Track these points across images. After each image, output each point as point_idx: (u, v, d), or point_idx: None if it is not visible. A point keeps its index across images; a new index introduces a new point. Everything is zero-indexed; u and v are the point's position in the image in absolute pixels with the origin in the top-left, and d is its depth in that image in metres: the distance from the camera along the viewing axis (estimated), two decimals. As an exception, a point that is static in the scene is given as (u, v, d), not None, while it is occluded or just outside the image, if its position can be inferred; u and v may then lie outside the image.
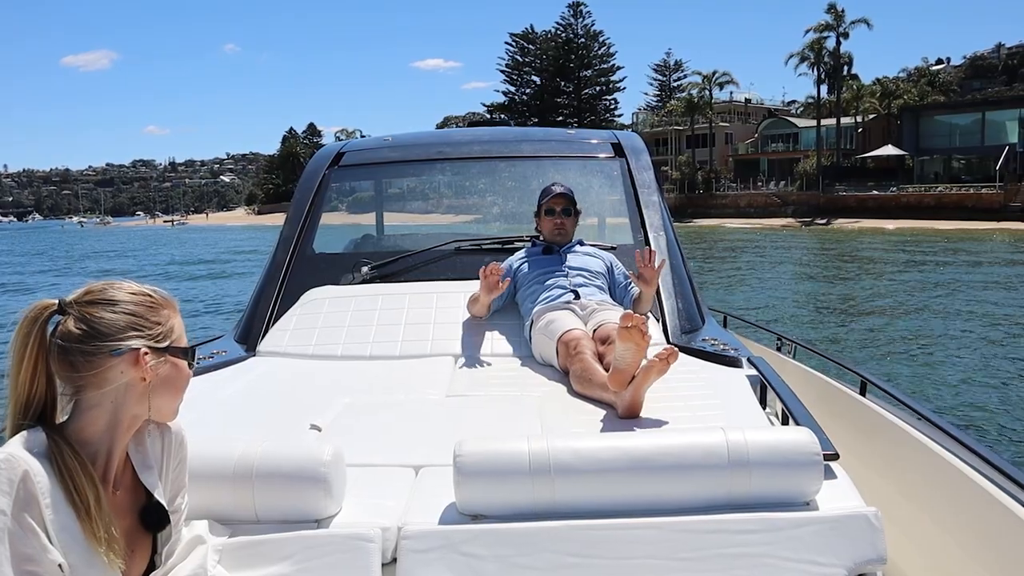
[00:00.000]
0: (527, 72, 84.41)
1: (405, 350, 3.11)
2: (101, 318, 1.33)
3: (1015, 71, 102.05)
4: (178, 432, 1.52)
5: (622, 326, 2.32)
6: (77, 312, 1.33)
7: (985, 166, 47.42)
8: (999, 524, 1.81)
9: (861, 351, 11.10)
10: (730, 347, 2.97)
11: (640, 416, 2.28)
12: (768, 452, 1.64)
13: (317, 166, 4.16)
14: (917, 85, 68.39)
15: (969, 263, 23.74)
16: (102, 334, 1.32)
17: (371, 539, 1.57)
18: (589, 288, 3.19)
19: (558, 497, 1.62)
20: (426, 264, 3.75)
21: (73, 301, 1.35)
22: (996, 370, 9.91)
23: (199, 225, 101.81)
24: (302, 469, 1.63)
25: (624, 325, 2.31)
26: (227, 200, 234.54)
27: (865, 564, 1.56)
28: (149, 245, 52.22)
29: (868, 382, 2.75)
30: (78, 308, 1.34)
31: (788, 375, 2.91)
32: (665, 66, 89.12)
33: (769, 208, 53.94)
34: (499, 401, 2.54)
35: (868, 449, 2.49)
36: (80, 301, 1.35)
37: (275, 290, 3.57)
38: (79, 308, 1.34)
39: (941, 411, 7.70)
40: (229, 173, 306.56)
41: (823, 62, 57.64)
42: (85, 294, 1.36)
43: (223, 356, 3.12)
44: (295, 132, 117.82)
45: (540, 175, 3.94)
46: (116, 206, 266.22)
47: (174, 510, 1.48)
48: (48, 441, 1.28)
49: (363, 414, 2.41)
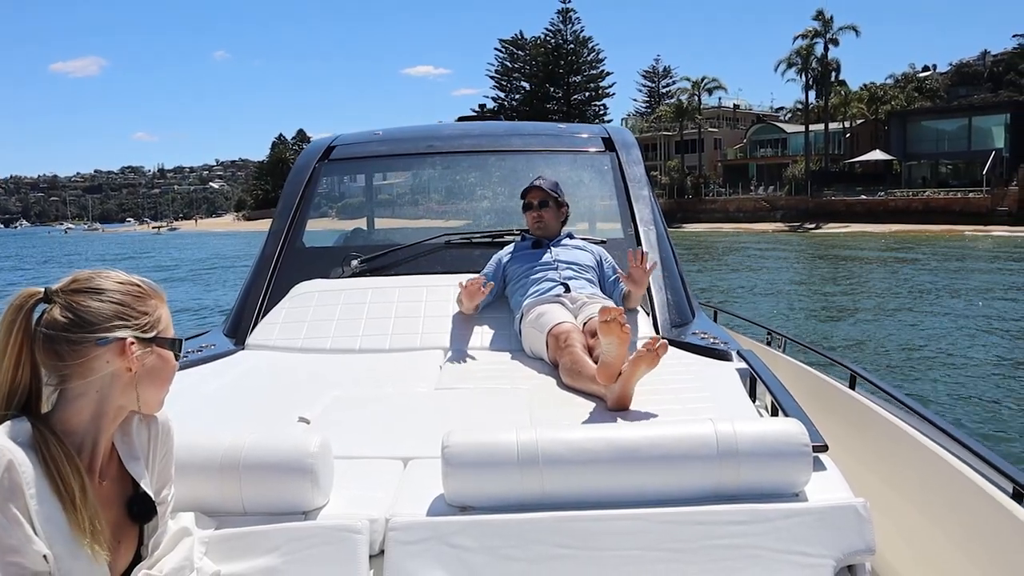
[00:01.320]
0: (517, 78, 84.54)
1: (395, 343, 3.10)
2: (87, 307, 1.32)
3: (1000, 78, 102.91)
4: (165, 423, 1.51)
5: (600, 320, 2.32)
6: (63, 300, 1.32)
7: (972, 171, 47.79)
8: (986, 515, 1.81)
9: (848, 350, 11.20)
10: (720, 340, 2.97)
11: (629, 408, 2.28)
12: (757, 443, 1.64)
13: (307, 160, 4.15)
14: (904, 91, 68.92)
15: (957, 268, 23.90)
16: (88, 323, 1.31)
17: (359, 531, 1.56)
18: (579, 281, 3.19)
19: (546, 488, 1.62)
20: (416, 258, 3.75)
21: (59, 289, 1.33)
22: (978, 365, 10.10)
23: (189, 231, 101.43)
24: (289, 461, 1.62)
25: (603, 319, 2.31)
26: (216, 206, 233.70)
27: (854, 555, 1.56)
28: (136, 251, 52.01)
29: (857, 375, 2.76)
30: (64, 296, 1.32)
31: (778, 368, 2.91)
32: (654, 72, 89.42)
33: (758, 212, 54.17)
34: (488, 393, 2.54)
35: (857, 442, 2.49)
36: (67, 289, 1.33)
37: (264, 283, 3.56)
38: (65, 296, 1.32)
39: (925, 400, 7.83)
40: (218, 180, 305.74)
41: (811, 68, 58.00)
42: (72, 282, 1.35)
43: (212, 349, 3.11)
44: (285, 139, 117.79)
45: (530, 169, 3.94)
46: (104, 212, 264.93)
47: (160, 501, 1.47)
48: (33, 431, 1.26)
49: (352, 406, 2.40)
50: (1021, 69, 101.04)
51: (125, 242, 70.44)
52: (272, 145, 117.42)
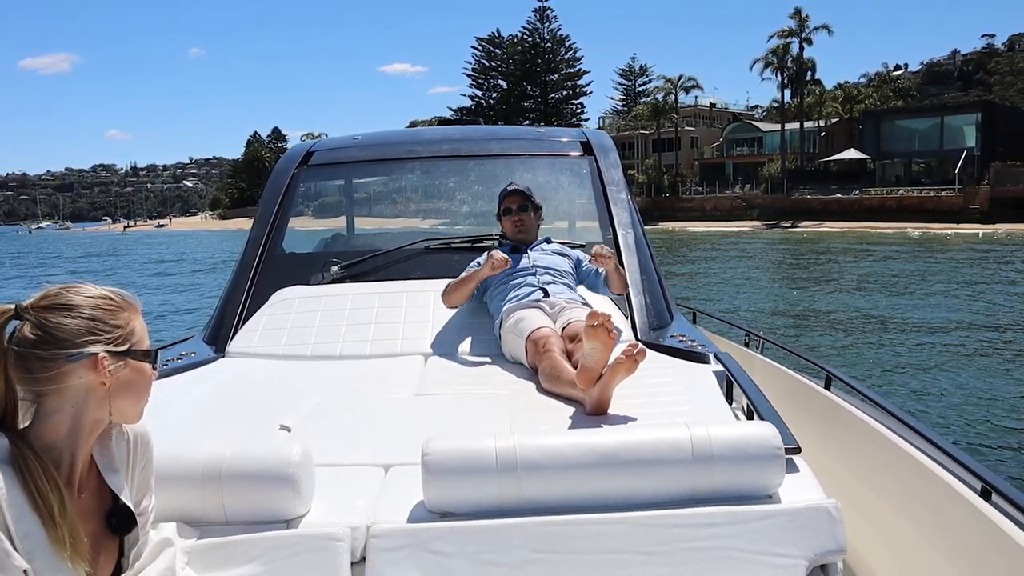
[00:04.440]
0: (494, 76, 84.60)
1: (375, 349, 3.10)
2: (57, 323, 1.30)
3: (970, 77, 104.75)
4: (144, 434, 1.50)
5: (588, 324, 2.33)
6: (34, 317, 1.31)
7: (944, 169, 48.55)
8: (956, 512, 1.86)
9: (824, 347, 11.39)
10: (698, 343, 2.99)
11: (608, 413, 2.30)
12: (731, 447, 1.66)
13: (286, 166, 4.14)
14: (879, 90, 69.81)
15: (929, 266, 24.30)
16: (59, 340, 1.30)
17: (340, 538, 1.57)
18: (558, 286, 3.21)
19: (525, 494, 1.63)
20: (396, 263, 3.75)
21: (30, 306, 1.32)
22: (945, 360, 10.33)
23: (187, 231, 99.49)
24: (271, 469, 1.62)
25: (590, 324, 2.32)
26: (190, 205, 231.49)
27: (825, 555, 1.59)
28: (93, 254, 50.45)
29: (832, 376, 2.80)
30: (35, 313, 1.31)
31: (755, 371, 2.95)
32: (630, 71, 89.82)
33: (735, 211, 54.62)
34: (468, 399, 2.54)
35: (832, 441, 2.54)
36: (37, 306, 1.32)
37: (244, 290, 3.54)
38: (36, 313, 1.31)
39: (891, 394, 8.00)
40: (192, 178, 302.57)
41: (787, 67, 58.62)
42: (42, 299, 1.33)
43: (192, 357, 3.09)
44: (260, 136, 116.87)
45: (509, 173, 3.94)
46: (76, 211, 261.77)
47: (140, 512, 1.46)
48: (11, 446, 1.26)
49: (332, 414, 2.40)
50: (990, 68, 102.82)
51: (102, 242, 69.38)
52: (247, 143, 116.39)
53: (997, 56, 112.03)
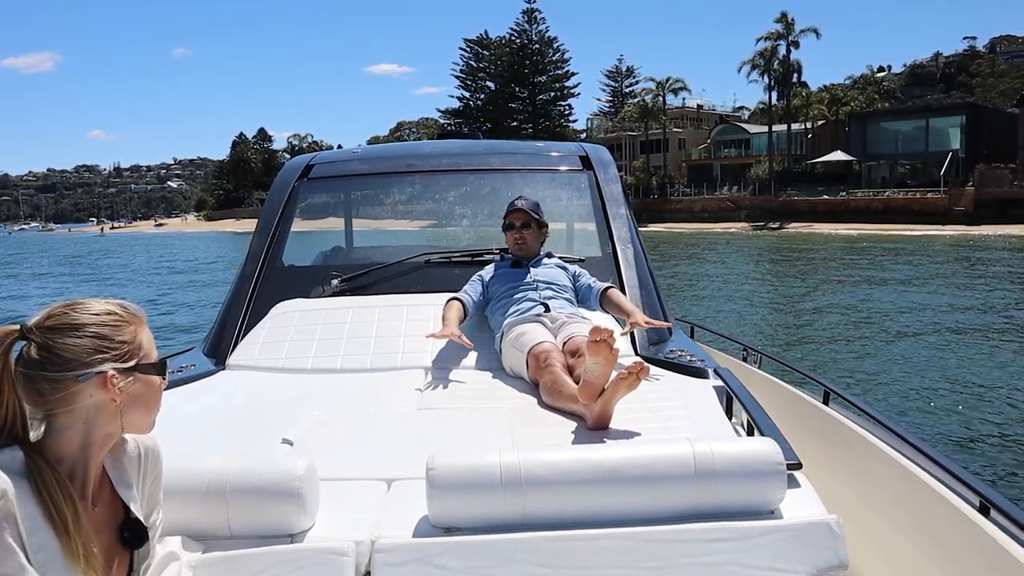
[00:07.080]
0: (482, 77, 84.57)
1: (376, 363, 3.09)
2: (64, 344, 1.30)
3: (952, 79, 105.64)
4: (155, 447, 1.51)
5: (591, 340, 2.34)
6: (39, 338, 1.30)
7: (929, 171, 48.95)
8: (954, 528, 1.89)
9: (813, 348, 11.50)
10: (697, 358, 3.00)
11: (609, 428, 2.31)
12: (733, 463, 1.68)
13: (286, 178, 4.12)
14: (865, 92, 70.32)
15: (915, 266, 24.48)
16: (66, 360, 1.29)
17: (345, 553, 1.57)
18: (559, 301, 3.21)
19: (529, 509, 1.64)
20: (396, 277, 3.74)
21: (35, 326, 1.31)
22: (924, 361, 10.49)
23: (141, 232, 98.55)
24: (276, 484, 1.63)
25: (593, 339, 2.33)
26: (175, 206, 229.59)
27: (827, 570, 1.61)
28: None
29: (831, 391, 2.82)
30: (40, 334, 1.30)
31: (753, 385, 2.97)
32: (617, 72, 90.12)
33: (723, 212, 54.83)
34: (470, 413, 2.54)
35: (831, 457, 2.56)
36: (42, 327, 1.31)
37: (244, 303, 3.53)
38: (41, 334, 1.30)
39: (868, 398, 8.08)
40: (177, 179, 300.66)
41: (773, 70, 58.93)
42: (47, 318, 1.32)
43: (192, 370, 3.07)
44: (245, 137, 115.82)
45: (509, 187, 3.95)
46: (59, 212, 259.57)
47: (150, 526, 1.47)
48: (25, 459, 1.26)
49: (334, 427, 2.40)
50: (972, 70, 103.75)
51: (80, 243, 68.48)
52: (233, 144, 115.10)
53: (979, 58, 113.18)
